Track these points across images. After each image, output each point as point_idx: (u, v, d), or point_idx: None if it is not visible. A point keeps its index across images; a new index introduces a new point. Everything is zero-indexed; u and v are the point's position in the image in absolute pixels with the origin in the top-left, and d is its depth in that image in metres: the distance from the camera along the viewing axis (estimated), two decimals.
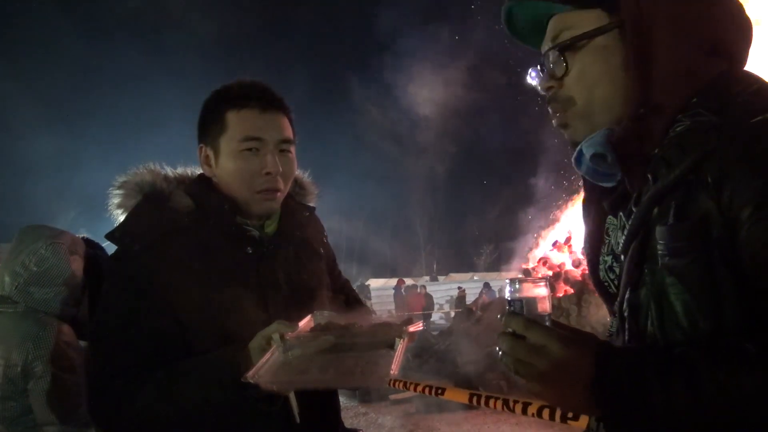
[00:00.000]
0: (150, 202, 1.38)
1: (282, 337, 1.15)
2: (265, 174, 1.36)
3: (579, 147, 0.95)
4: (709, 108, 0.83)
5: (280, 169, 1.36)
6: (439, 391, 4.30)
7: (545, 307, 0.86)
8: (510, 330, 0.82)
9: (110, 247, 2.06)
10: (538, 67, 1.00)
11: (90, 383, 1.31)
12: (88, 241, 2.10)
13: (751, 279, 0.75)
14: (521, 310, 0.85)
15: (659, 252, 0.82)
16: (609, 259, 1.00)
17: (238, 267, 1.36)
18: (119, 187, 1.42)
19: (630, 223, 0.88)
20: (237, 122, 1.36)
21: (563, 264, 8.85)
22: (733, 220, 0.76)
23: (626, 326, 0.89)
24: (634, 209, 0.88)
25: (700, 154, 0.80)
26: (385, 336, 1.16)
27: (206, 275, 1.32)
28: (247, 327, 1.24)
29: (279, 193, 1.40)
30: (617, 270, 0.97)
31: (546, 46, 0.97)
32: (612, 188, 0.98)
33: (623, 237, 0.90)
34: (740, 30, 0.91)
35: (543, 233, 10.59)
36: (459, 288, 20.64)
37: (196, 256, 1.33)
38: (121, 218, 1.40)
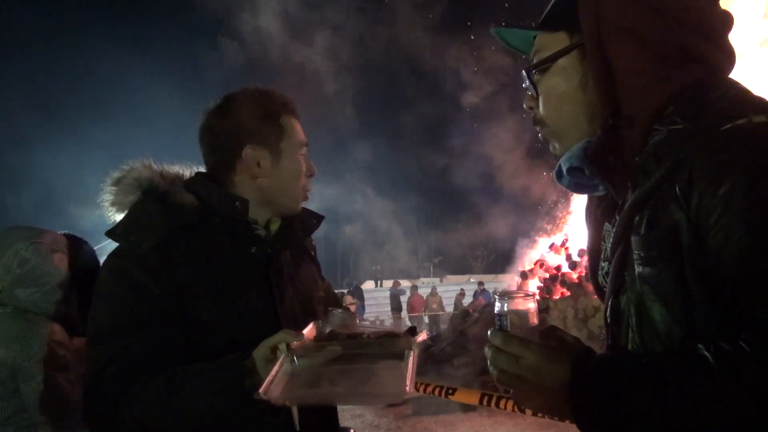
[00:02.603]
0: (152, 198, 1.35)
1: (288, 346, 1.13)
2: (309, 176, 1.47)
3: (558, 163, 0.98)
4: (684, 116, 0.84)
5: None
6: (450, 392, 4.29)
7: (534, 320, 0.89)
8: (494, 344, 0.87)
9: (93, 240, 2.07)
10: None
11: (86, 388, 1.26)
12: (70, 237, 2.08)
13: (719, 285, 0.77)
14: (506, 325, 0.89)
15: (635, 261, 0.84)
16: (606, 264, 1.02)
17: (247, 267, 1.35)
18: (114, 184, 1.37)
19: (614, 231, 0.90)
20: (293, 128, 1.44)
21: (560, 266, 8.85)
22: (701, 227, 0.77)
23: (609, 332, 0.92)
24: (617, 217, 0.90)
25: (673, 163, 0.81)
26: (393, 347, 1.15)
27: (216, 275, 1.30)
28: (258, 329, 1.23)
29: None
30: None
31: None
32: (604, 197, 1.00)
33: (608, 246, 0.92)
34: (709, 36, 0.91)
35: (540, 236, 10.61)
36: (461, 290, 20.77)
37: (204, 254, 1.31)
38: (116, 216, 1.36)
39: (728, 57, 0.93)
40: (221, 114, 1.41)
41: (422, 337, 1.21)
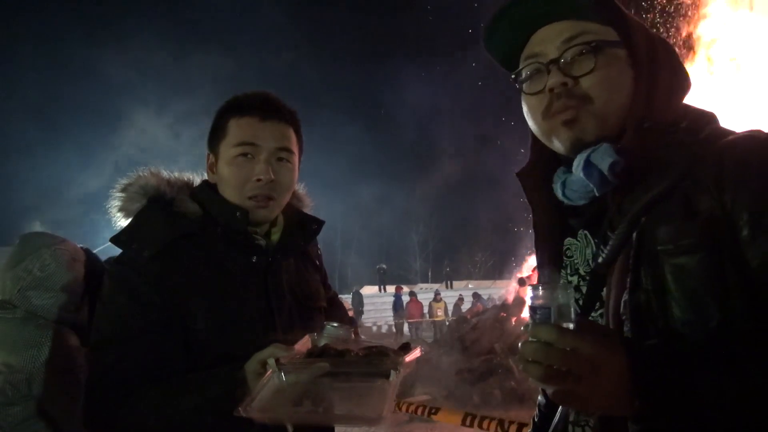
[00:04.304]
0: (156, 206, 1.36)
1: (277, 361, 1.11)
2: (255, 180, 1.34)
3: (586, 158, 0.94)
4: (681, 129, 0.93)
5: (272, 176, 1.35)
6: (433, 411, 4.29)
7: (572, 312, 0.79)
8: (535, 339, 0.77)
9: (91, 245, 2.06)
10: (534, 66, 1.00)
11: (86, 394, 1.27)
12: (87, 251, 2.11)
13: (754, 276, 0.80)
14: (548, 317, 0.78)
15: (667, 251, 0.85)
16: (575, 279, 1.02)
17: (246, 276, 1.35)
18: (122, 191, 1.39)
19: (616, 233, 0.89)
20: (235, 129, 1.36)
21: None
22: (734, 221, 0.82)
23: (626, 328, 0.88)
24: (615, 222, 0.91)
25: (686, 166, 0.87)
26: (381, 365, 1.12)
27: (214, 284, 1.30)
28: (255, 338, 1.23)
29: (271, 201, 1.37)
30: (583, 289, 0.98)
31: (553, 45, 0.98)
32: (578, 208, 1.00)
33: (606, 250, 0.90)
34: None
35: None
36: (460, 296, 20.82)
37: (204, 263, 1.31)
38: (122, 222, 1.38)
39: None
40: None
41: (414, 354, 1.17)
